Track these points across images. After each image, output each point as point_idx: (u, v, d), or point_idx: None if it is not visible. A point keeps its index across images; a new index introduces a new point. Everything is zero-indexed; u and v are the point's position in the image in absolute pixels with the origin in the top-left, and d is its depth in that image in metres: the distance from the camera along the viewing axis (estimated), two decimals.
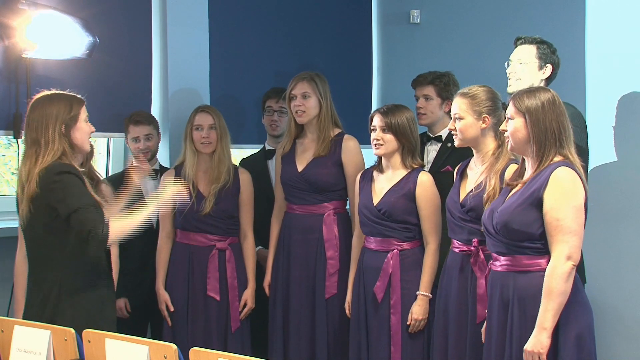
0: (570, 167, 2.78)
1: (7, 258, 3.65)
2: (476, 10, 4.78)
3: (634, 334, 3.99)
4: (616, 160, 4.03)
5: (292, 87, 3.81)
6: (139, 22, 4.26)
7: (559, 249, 2.72)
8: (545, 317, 2.71)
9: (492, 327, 2.92)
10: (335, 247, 3.75)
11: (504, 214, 2.83)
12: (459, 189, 3.28)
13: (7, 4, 3.68)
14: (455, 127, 3.23)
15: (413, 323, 3.44)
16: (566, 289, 2.71)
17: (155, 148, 4.08)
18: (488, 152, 3.22)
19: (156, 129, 4.08)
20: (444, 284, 3.29)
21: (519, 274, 2.82)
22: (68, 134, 2.96)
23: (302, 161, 3.83)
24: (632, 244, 4.00)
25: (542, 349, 2.70)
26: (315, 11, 5.01)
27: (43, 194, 2.88)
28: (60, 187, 2.88)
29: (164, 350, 2.28)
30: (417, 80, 4.03)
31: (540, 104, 2.81)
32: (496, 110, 3.22)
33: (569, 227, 2.72)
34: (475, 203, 3.15)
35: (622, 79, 4.01)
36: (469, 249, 3.19)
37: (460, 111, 3.21)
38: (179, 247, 3.81)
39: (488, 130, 3.21)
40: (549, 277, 2.71)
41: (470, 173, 3.29)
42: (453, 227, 3.27)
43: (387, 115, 3.51)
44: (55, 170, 2.89)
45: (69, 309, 2.91)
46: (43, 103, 2.97)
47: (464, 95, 3.23)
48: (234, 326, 3.78)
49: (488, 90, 3.24)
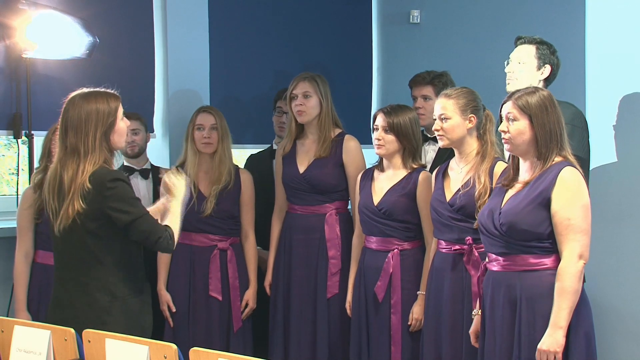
0: (574, 167, 2.80)
1: (7, 258, 3.65)
2: (476, 10, 4.78)
3: (634, 334, 3.98)
4: (616, 160, 4.03)
5: (293, 87, 3.82)
6: (139, 22, 4.26)
7: (571, 247, 2.74)
8: (560, 316, 2.72)
9: (496, 328, 2.90)
10: (337, 247, 3.75)
11: (510, 215, 2.83)
12: (443, 190, 3.29)
13: (7, 4, 3.69)
14: (441, 127, 3.24)
15: (414, 323, 3.44)
16: (579, 288, 2.74)
17: (143, 144, 4.04)
18: (472, 152, 3.26)
19: (144, 126, 4.04)
20: (433, 286, 3.29)
21: (525, 273, 2.82)
22: (107, 139, 2.88)
23: (303, 162, 3.83)
24: (632, 244, 3.99)
25: (559, 348, 2.71)
26: (315, 11, 5.01)
27: (95, 202, 2.81)
28: (115, 196, 2.83)
29: (164, 350, 2.28)
30: (415, 80, 4.02)
31: (543, 105, 2.83)
32: (479, 110, 3.27)
33: (580, 226, 2.75)
34: (466, 201, 3.17)
35: (622, 79, 4.01)
36: (461, 247, 3.20)
37: (447, 111, 3.22)
38: (180, 248, 3.79)
39: (472, 130, 3.25)
40: (563, 275, 2.73)
41: (452, 173, 3.32)
42: (440, 228, 3.28)
43: (390, 115, 3.51)
44: (107, 177, 2.83)
45: (120, 315, 2.87)
46: (80, 105, 2.86)
47: (448, 96, 3.25)
48: (236, 326, 3.78)
49: (470, 91, 3.28)
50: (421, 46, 4.99)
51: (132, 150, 3.99)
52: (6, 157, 4.49)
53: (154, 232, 2.87)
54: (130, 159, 4.03)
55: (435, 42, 4.93)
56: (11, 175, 4.45)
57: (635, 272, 3.99)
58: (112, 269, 2.88)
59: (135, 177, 4.00)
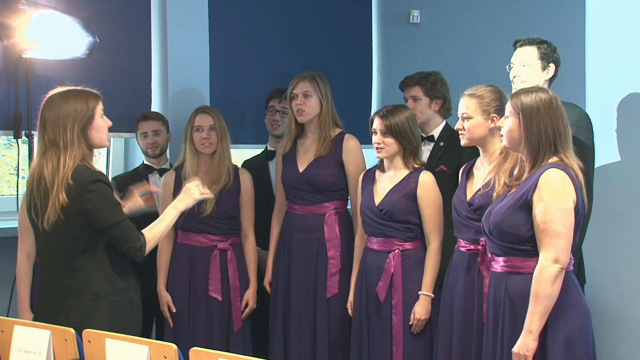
0: (562, 169, 2.74)
1: (7, 258, 3.64)
2: (476, 10, 4.78)
3: (634, 334, 3.99)
4: (616, 160, 4.03)
5: (294, 87, 3.82)
6: (139, 22, 4.26)
7: (546, 251, 2.71)
8: (531, 320, 2.70)
9: (488, 328, 2.93)
10: (336, 247, 3.75)
11: (496, 216, 2.83)
12: (466, 188, 3.27)
13: (7, 4, 3.68)
14: (463, 126, 3.22)
15: (415, 323, 3.44)
16: (552, 292, 2.69)
17: (165, 145, 4.11)
18: (495, 152, 3.21)
19: (165, 126, 4.11)
20: (449, 283, 3.28)
21: (511, 275, 2.83)
22: (85, 134, 2.92)
23: (303, 161, 3.83)
24: (633, 244, 4.00)
25: (528, 352, 2.70)
26: (315, 11, 5.02)
27: (76, 202, 2.85)
28: (95, 199, 2.86)
29: (164, 350, 2.28)
30: (404, 82, 4.02)
31: (536, 106, 2.78)
32: (503, 110, 3.21)
33: (556, 230, 2.70)
34: (484, 201, 3.13)
35: (622, 79, 4.01)
36: (475, 248, 3.17)
37: (469, 111, 3.20)
38: (180, 248, 3.81)
39: (496, 130, 3.18)
40: (536, 280, 2.70)
41: (476, 172, 3.29)
42: (459, 227, 3.26)
43: (386, 117, 3.50)
44: (89, 179, 2.86)
45: (105, 314, 2.89)
46: (58, 101, 2.92)
47: (471, 96, 3.22)
48: (236, 326, 3.78)
49: (495, 90, 3.24)
50: (421, 46, 4.99)
51: (154, 152, 4.06)
52: (6, 157, 4.49)
53: (125, 241, 2.92)
54: (150, 159, 4.07)
55: (435, 42, 4.93)
56: (11, 175, 4.46)
57: (635, 272, 3.99)
58: (95, 270, 2.91)
59: (154, 176, 4.05)
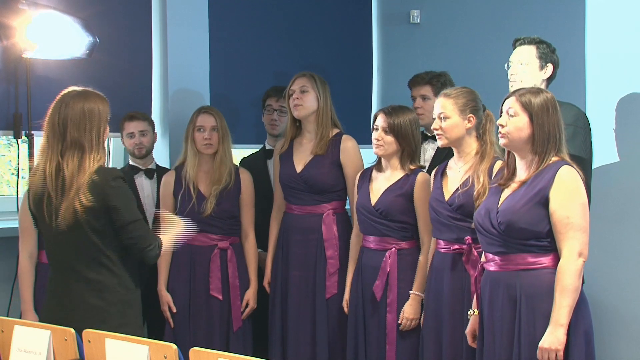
0: (572, 167, 2.82)
1: (7, 258, 3.65)
2: (476, 10, 4.78)
3: (634, 334, 3.99)
4: (616, 160, 4.03)
5: (291, 84, 3.83)
6: (139, 22, 4.26)
7: (570, 246, 2.75)
8: (560, 314, 2.72)
9: (495, 328, 2.90)
10: (335, 247, 3.75)
11: (508, 213, 2.84)
12: (442, 189, 3.30)
13: (7, 4, 3.68)
14: (440, 126, 3.25)
15: (404, 322, 3.44)
16: (579, 285, 2.75)
17: (150, 146, 4.05)
18: (470, 152, 3.27)
19: (151, 127, 4.06)
20: (432, 286, 3.30)
21: (523, 272, 2.83)
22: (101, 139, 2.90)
23: (300, 162, 3.83)
24: (632, 244, 4.00)
25: (560, 346, 2.72)
26: (315, 11, 5.01)
27: (100, 199, 2.83)
28: (117, 195, 2.85)
29: (164, 350, 2.28)
30: (414, 80, 4.04)
31: (546, 106, 2.85)
32: (479, 110, 3.28)
33: (579, 224, 2.76)
34: (465, 200, 3.19)
35: (622, 79, 4.01)
36: (460, 247, 3.20)
37: (446, 110, 3.24)
38: (180, 248, 3.79)
39: (471, 130, 3.25)
40: (563, 274, 2.74)
41: (450, 173, 3.33)
42: (439, 227, 3.29)
43: (390, 116, 3.51)
44: (111, 175, 2.86)
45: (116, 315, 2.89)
46: (80, 101, 2.88)
47: (447, 96, 3.26)
48: (236, 326, 3.78)
49: (470, 91, 3.29)
50: (421, 46, 4.99)
51: (140, 152, 4.01)
52: (6, 157, 4.49)
53: (144, 239, 2.91)
54: (136, 159, 4.05)
55: (435, 42, 4.93)
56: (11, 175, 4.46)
57: (635, 272, 3.99)
58: (113, 268, 2.90)
59: (140, 177, 4.02)
